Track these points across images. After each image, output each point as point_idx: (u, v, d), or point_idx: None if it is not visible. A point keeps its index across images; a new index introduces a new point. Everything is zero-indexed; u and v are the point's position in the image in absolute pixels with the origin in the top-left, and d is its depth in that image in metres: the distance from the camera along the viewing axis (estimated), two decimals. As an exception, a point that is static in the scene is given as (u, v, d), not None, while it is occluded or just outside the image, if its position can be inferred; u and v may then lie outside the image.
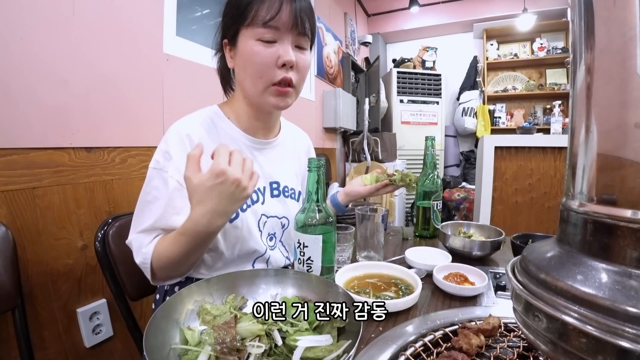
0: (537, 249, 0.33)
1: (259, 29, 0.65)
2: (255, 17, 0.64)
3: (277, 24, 0.65)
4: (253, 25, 0.65)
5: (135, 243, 0.67)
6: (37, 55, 0.92)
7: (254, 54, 0.66)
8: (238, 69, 0.72)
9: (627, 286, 0.24)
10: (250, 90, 0.71)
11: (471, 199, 3.29)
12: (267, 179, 0.80)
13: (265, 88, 0.69)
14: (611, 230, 0.26)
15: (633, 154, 0.25)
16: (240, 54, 0.68)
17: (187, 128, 0.71)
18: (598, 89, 0.27)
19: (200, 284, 0.52)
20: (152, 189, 0.68)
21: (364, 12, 4.15)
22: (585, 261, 0.27)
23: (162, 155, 0.68)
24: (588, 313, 0.24)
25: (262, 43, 0.65)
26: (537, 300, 0.28)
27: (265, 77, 0.67)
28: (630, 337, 0.22)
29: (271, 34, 0.65)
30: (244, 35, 0.67)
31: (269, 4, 0.64)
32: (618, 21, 0.25)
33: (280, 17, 0.64)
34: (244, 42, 0.67)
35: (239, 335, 0.42)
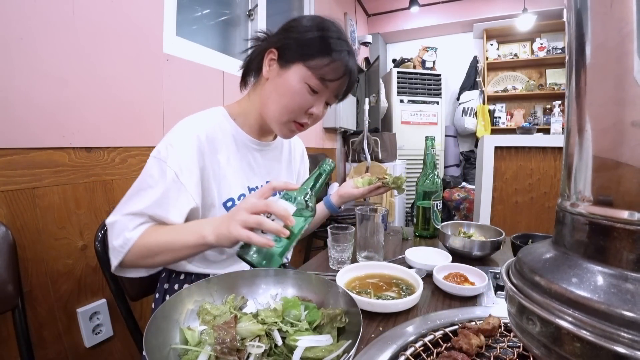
0: (532, 250, 0.33)
1: (313, 77, 0.69)
2: (319, 67, 0.69)
3: (330, 85, 0.71)
4: (312, 69, 0.69)
5: (119, 225, 0.65)
6: (37, 55, 0.92)
7: (297, 94, 0.70)
8: (272, 88, 0.73)
9: (624, 289, 0.23)
10: (272, 114, 0.74)
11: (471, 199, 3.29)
12: (265, 178, 0.84)
13: (288, 121, 0.74)
14: (607, 231, 0.25)
15: (629, 153, 0.24)
16: (284, 80, 0.71)
17: (195, 127, 0.72)
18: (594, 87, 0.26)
19: (200, 284, 0.52)
20: (149, 177, 0.68)
21: (364, 12, 4.14)
22: (581, 263, 0.26)
23: (165, 147, 0.69)
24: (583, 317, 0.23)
25: (308, 88, 0.70)
26: (530, 304, 0.27)
27: (292, 115, 0.73)
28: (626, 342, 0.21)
29: (319, 87, 0.70)
30: (298, 70, 0.70)
31: (336, 66, 0.69)
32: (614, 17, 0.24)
33: (336, 82, 0.71)
34: (294, 74, 0.70)
35: (239, 335, 0.42)
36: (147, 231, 0.66)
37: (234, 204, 0.76)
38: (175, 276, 0.80)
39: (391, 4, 4.07)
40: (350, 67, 0.72)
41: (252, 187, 0.80)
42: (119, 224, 0.65)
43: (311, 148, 2.61)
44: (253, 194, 0.61)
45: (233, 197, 0.76)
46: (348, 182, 1.03)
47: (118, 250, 0.65)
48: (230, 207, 0.75)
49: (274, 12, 2.21)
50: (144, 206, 0.66)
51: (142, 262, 0.66)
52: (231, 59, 1.84)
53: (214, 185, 0.73)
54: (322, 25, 0.72)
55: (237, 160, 0.77)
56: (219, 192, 0.74)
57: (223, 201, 0.75)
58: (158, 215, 0.66)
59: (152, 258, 0.65)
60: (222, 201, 0.75)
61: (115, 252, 0.65)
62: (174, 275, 0.80)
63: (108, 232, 0.67)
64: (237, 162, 0.77)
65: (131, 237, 0.64)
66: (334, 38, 0.70)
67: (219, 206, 0.74)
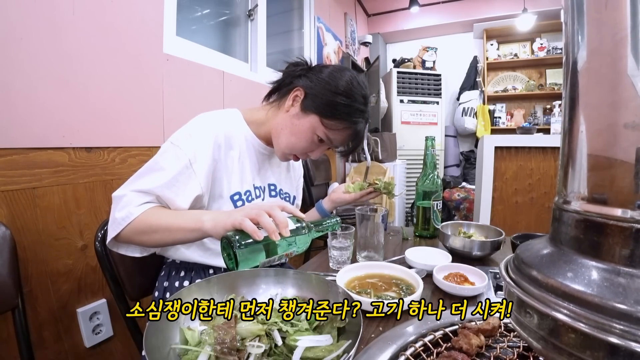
0: (529, 247, 0.34)
1: (324, 133, 0.77)
2: (331, 127, 0.77)
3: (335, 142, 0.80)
4: (325, 126, 0.77)
5: (126, 199, 0.67)
6: (37, 55, 0.92)
7: (305, 139, 0.78)
8: (288, 123, 0.80)
9: (616, 283, 0.24)
10: (279, 142, 0.81)
11: (471, 199, 3.29)
12: (267, 180, 0.87)
13: (289, 154, 0.82)
14: (601, 228, 0.26)
15: (622, 153, 0.25)
16: (299, 123, 0.78)
17: (216, 122, 0.77)
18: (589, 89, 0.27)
19: (200, 284, 0.52)
20: (162, 160, 0.70)
21: (364, 12, 4.14)
22: (576, 259, 0.27)
23: (183, 135, 0.73)
24: (578, 310, 0.25)
25: (316, 137, 0.79)
26: (528, 297, 0.28)
27: (294, 152, 0.81)
28: (618, 333, 0.22)
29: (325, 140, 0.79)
30: (314, 119, 0.77)
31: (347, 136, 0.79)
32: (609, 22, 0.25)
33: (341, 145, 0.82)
34: (309, 123, 0.77)
35: (239, 335, 0.42)
36: (150, 210, 0.67)
37: (241, 197, 0.79)
38: (174, 274, 0.80)
39: (391, 4, 4.07)
40: (358, 133, 0.81)
41: (257, 186, 0.83)
42: (125, 198, 0.67)
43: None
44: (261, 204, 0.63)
45: (240, 191, 0.79)
46: (340, 188, 1.06)
47: (118, 222, 0.66)
48: (237, 201, 0.78)
49: (274, 12, 2.21)
50: (153, 186, 0.68)
51: (137, 237, 0.67)
52: (231, 59, 1.84)
53: (225, 178, 0.77)
54: (352, 92, 0.77)
55: (247, 159, 0.82)
56: (228, 185, 0.77)
57: (231, 194, 0.78)
58: (165, 197, 0.68)
59: (147, 235, 0.66)
60: (231, 193, 0.77)
61: (116, 223, 0.66)
62: (173, 273, 0.81)
63: (113, 204, 0.69)
64: (247, 161, 0.82)
65: (134, 212, 0.65)
66: (356, 110, 0.77)
67: (227, 198, 0.77)
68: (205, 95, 1.54)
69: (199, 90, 1.49)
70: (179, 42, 1.44)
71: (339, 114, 0.76)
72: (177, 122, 1.34)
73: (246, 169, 0.81)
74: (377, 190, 1.01)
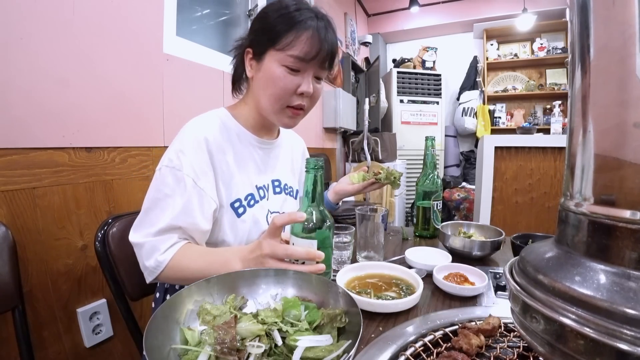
0: (535, 249, 0.33)
1: (288, 58, 0.67)
2: (288, 46, 0.67)
3: (308, 59, 0.68)
4: (283, 52, 0.67)
5: (149, 246, 0.65)
6: (37, 55, 0.92)
7: (278, 78, 0.69)
8: (257, 83, 0.74)
9: (626, 287, 0.23)
10: (265, 106, 0.74)
11: (471, 199, 3.29)
12: (270, 176, 0.84)
13: (281, 109, 0.73)
14: (610, 231, 0.25)
15: (632, 154, 0.24)
16: (263, 72, 0.71)
17: (202, 129, 0.72)
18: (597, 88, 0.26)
19: (200, 284, 0.52)
20: (165, 187, 0.67)
21: (364, 12, 4.14)
22: (584, 262, 0.27)
23: (175, 154, 0.68)
24: (586, 315, 0.24)
25: (287, 69, 0.68)
26: (534, 302, 0.27)
27: (283, 100, 0.71)
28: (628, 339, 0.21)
29: (298, 64, 0.68)
30: (272, 56, 0.69)
31: (305, 40, 0.67)
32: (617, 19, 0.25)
33: (312, 56, 0.68)
34: (270, 62, 0.69)
35: (239, 335, 0.42)
36: (178, 253, 0.66)
37: (241, 204, 0.76)
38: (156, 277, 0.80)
39: (391, 4, 4.08)
40: (319, 34, 0.68)
41: (260, 186, 0.80)
42: (148, 246, 0.65)
43: (311, 148, 2.60)
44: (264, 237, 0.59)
45: (240, 197, 0.76)
46: (344, 179, 1.04)
47: (151, 271, 0.66)
48: (238, 208, 0.75)
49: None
50: (169, 219, 0.65)
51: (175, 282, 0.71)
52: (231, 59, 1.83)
53: (222, 187, 0.73)
54: (278, 5, 0.70)
55: (243, 159, 0.78)
56: (227, 193, 0.74)
57: (231, 202, 0.75)
58: (186, 225, 0.66)
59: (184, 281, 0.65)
60: (230, 202, 0.74)
61: (148, 271, 0.67)
62: None
63: (136, 251, 0.67)
64: (243, 161, 0.77)
65: (164, 260, 0.65)
66: (292, 11, 0.68)
67: (227, 207, 0.74)
68: (205, 95, 1.54)
69: (199, 90, 1.49)
70: (179, 42, 1.43)
71: (280, 29, 0.67)
72: (177, 122, 1.35)
73: (243, 170, 0.77)
74: (379, 181, 0.99)
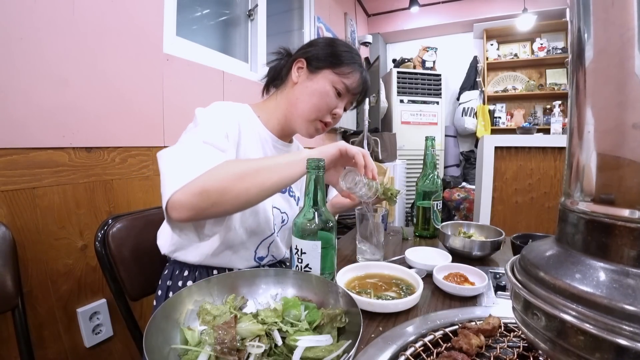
0: (536, 248, 0.33)
1: (341, 83, 0.79)
2: (345, 75, 0.79)
3: (352, 90, 0.81)
4: (339, 75, 0.79)
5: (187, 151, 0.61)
6: (37, 55, 0.92)
7: (326, 94, 0.79)
8: (302, 90, 0.81)
9: (625, 284, 0.24)
10: (301, 112, 0.81)
11: (471, 199, 3.29)
12: None
13: (315, 120, 0.81)
14: (609, 229, 0.26)
15: (631, 154, 0.25)
16: (315, 83, 0.80)
17: (233, 111, 0.77)
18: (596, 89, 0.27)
19: (200, 284, 0.52)
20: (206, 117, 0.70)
21: (364, 12, 4.14)
22: (584, 260, 0.27)
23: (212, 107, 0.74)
24: (586, 311, 0.24)
25: (335, 90, 0.80)
26: (535, 299, 0.28)
27: (320, 114, 0.81)
28: (627, 334, 0.22)
29: (344, 91, 0.80)
30: (327, 75, 0.79)
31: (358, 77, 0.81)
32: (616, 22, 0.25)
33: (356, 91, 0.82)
34: (323, 79, 0.79)
35: (239, 335, 0.42)
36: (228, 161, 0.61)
37: None
38: (178, 273, 0.80)
39: (391, 4, 4.07)
40: (366, 78, 0.84)
41: None
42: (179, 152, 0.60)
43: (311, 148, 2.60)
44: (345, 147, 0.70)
45: None
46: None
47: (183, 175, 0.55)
48: None
49: (274, 12, 2.21)
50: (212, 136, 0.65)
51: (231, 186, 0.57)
52: (231, 59, 1.84)
53: None
54: (343, 43, 0.83)
55: (257, 151, 0.80)
56: None
57: None
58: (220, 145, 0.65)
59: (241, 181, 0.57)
60: None
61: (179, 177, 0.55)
62: (177, 272, 0.81)
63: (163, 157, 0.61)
64: (256, 153, 0.80)
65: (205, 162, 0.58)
66: (355, 54, 0.82)
67: None
68: (205, 95, 1.54)
69: (199, 90, 1.49)
70: (179, 42, 1.43)
71: (346, 60, 0.79)
72: (177, 122, 1.35)
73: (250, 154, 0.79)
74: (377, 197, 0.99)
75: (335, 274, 0.65)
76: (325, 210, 0.61)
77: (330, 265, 0.62)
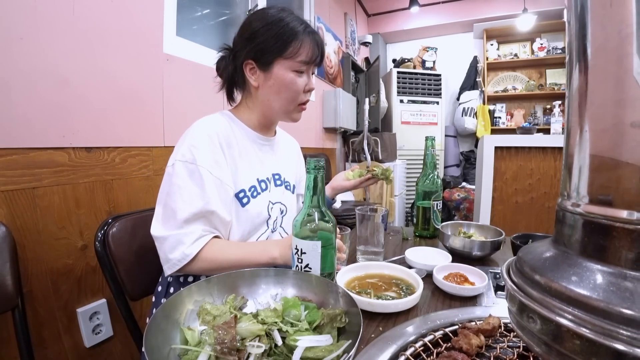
0: (532, 249, 0.33)
1: (296, 64, 0.78)
2: (296, 54, 0.77)
3: (311, 61, 0.79)
4: (292, 59, 0.77)
5: (173, 239, 0.68)
6: (37, 55, 0.92)
7: (292, 83, 0.79)
8: (267, 90, 0.81)
9: (622, 288, 0.23)
10: (279, 109, 0.82)
11: (471, 199, 3.29)
12: (270, 170, 0.89)
13: (295, 108, 0.84)
14: (606, 231, 0.25)
15: (629, 154, 0.24)
16: (274, 79, 0.79)
17: (210, 126, 0.77)
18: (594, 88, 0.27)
19: (200, 284, 0.52)
20: (180, 179, 0.70)
21: (364, 12, 4.15)
22: (580, 262, 0.27)
23: (188, 149, 0.72)
24: (582, 315, 0.24)
25: (296, 74, 0.79)
26: (531, 302, 0.27)
27: (297, 100, 0.82)
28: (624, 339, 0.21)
29: (304, 67, 0.79)
30: (281, 64, 0.78)
31: (308, 46, 0.78)
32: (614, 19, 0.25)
33: (315, 58, 0.80)
34: (280, 70, 0.78)
35: (239, 335, 0.42)
36: (209, 246, 0.70)
37: (245, 194, 0.80)
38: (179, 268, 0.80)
39: (391, 4, 4.08)
40: (316, 39, 0.80)
41: (262, 179, 0.84)
42: (172, 239, 0.68)
43: (311, 148, 2.61)
44: None
45: (244, 188, 0.80)
46: (339, 175, 1.07)
47: (174, 263, 0.69)
48: (242, 198, 0.79)
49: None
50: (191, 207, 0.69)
51: (207, 273, 0.72)
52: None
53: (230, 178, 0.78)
54: (274, 18, 0.77)
55: (246, 154, 0.82)
56: (234, 183, 0.78)
57: (236, 192, 0.78)
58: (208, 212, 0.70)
59: (214, 271, 0.68)
60: (236, 192, 0.78)
61: (171, 264, 0.69)
62: None
63: (158, 244, 0.70)
64: (246, 155, 0.82)
65: (190, 253, 0.68)
66: (288, 23, 0.77)
67: (232, 197, 0.78)
68: (205, 95, 1.54)
69: (199, 90, 1.49)
70: (179, 42, 1.43)
71: (287, 38, 0.76)
72: (177, 122, 1.35)
73: (247, 164, 0.82)
74: (375, 177, 1.02)
75: (335, 274, 0.66)
76: (325, 210, 0.61)
77: (330, 265, 0.62)
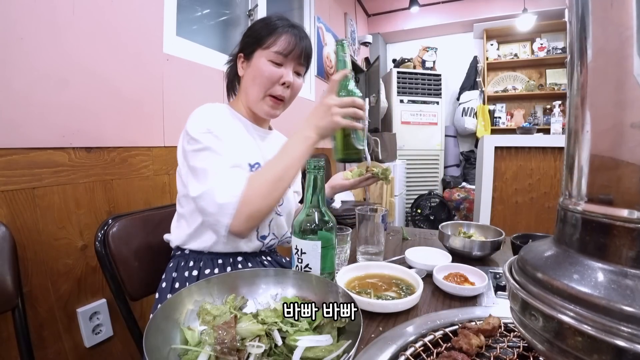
0: (534, 248, 0.33)
1: (272, 54, 0.81)
2: (272, 45, 0.81)
3: (287, 54, 0.82)
4: (268, 49, 0.81)
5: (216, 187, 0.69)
6: (37, 55, 0.92)
7: (265, 70, 0.82)
8: (246, 78, 0.86)
9: (623, 285, 0.24)
10: (252, 96, 0.85)
11: (471, 199, 3.29)
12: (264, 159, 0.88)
13: (264, 97, 0.84)
14: (607, 229, 0.26)
15: (629, 154, 0.25)
16: (252, 67, 0.84)
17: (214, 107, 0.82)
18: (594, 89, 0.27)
19: (200, 284, 0.52)
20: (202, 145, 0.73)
21: (364, 12, 4.15)
22: (582, 260, 0.27)
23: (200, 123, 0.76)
24: (584, 312, 0.24)
25: (271, 63, 0.82)
26: (533, 300, 0.28)
27: (266, 89, 0.83)
28: (625, 336, 0.22)
29: (280, 59, 0.82)
30: (259, 54, 0.83)
31: (285, 39, 0.82)
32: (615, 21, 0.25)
33: (290, 51, 0.82)
34: (257, 59, 0.83)
35: (239, 335, 0.42)
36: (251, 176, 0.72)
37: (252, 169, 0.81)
38: (183, 264, 0.81)
39: (391, 4, 4.08)
40: (294, 36, 0.83)
41: (252, 164, 0.82)
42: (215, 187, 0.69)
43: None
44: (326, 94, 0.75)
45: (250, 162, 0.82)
46: (338, 175, 1.07)
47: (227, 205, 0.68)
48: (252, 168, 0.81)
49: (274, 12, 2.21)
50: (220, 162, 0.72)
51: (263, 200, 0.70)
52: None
53: None
54: (265, 17, 0.87)
55: (243, 138, 0.85)
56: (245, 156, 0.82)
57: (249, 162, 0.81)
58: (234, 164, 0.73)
59: (276, 188, 0.70)
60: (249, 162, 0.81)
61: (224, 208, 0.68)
62: (182, 264, 0.81)
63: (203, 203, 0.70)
64: (243, 139, 0.85)
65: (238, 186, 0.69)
66: (274, 20, 0.84)
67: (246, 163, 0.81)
68: (205, 95, 1.54)
69: (199, 90, 1.49)
70: (179, 42, 1.43)
71: (266, 32, 0.82)
72: (177, 122, 1.35)
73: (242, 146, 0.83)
74: (375, 176, 1.02)
75: (335, 274, 0.66)
76: (325, 210, 0.61)
77: (330, 265, 0.62)
